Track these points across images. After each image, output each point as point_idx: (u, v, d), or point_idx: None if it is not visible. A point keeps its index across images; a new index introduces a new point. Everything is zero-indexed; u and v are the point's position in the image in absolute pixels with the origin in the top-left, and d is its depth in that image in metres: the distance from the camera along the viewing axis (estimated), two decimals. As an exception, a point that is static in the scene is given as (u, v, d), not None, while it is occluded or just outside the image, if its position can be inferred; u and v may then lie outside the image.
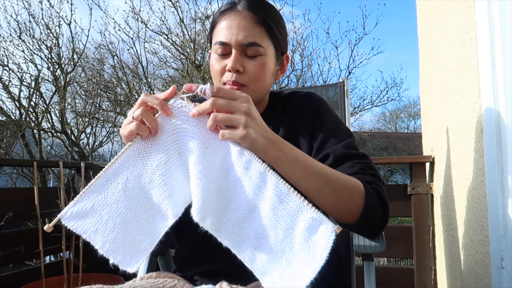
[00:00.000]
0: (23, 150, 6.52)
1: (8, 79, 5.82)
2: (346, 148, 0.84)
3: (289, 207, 0.59)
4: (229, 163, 0.64)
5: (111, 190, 0.64)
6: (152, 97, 0.66)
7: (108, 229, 0.63)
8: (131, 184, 0.65)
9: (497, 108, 0.96)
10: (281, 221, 0.60)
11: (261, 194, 0.61)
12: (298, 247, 0.58)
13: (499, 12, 0.95)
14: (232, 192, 0.64)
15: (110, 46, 6.24)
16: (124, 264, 0.63)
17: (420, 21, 2.19)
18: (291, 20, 6.09)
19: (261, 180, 0.61)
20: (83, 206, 0.63)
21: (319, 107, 0.93)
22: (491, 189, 0.99)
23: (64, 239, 2.24)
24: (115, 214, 0.64)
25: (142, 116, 0.65)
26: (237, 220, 0.63)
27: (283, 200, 0.59)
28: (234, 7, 0.87)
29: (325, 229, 0.56)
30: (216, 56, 0.88)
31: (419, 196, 1.93)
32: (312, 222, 0.57)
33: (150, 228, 0.65)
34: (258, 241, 0.62)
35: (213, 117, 0.63)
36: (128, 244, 0.64)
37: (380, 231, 0.85)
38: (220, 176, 0.64)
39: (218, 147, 0.65)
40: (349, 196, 0.73)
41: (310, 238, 0.57)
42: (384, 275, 2.01)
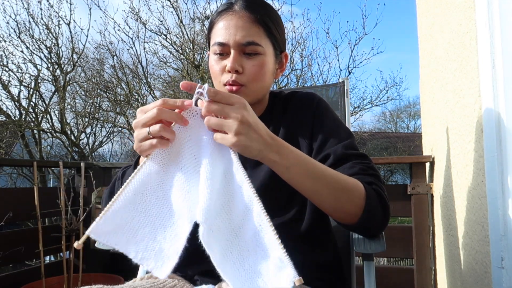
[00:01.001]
0: (23, 150, 6.53)
1: (8, 79, 5.83)
2: (346, 148, 0.84)
3: (268, 238, 0.60)
4: (231, 173, 0.65)
5: (138, 200, 0.65)
6: (168, 112, 0.64)
7: (139, 238, 0.65)
8: (155, 192, 0.66)
9: (497, 108, 0.96)
10: (260, 247, 0.61)
11: (249, 214, 0.63)
12: (270, 277, 0.59)
13: (499, 12, 0.95)
14: (227, 202, 0.64)
15: (110, 46, 6.25)
16: (157, 271, 0.64)
17: (420, 21, 2.19)
18: (291, 20, 6.10)
19: (249, 203, 0.62)
20: (111, 219, 0.64)
21: (318, 107, 0.93)
22: (491, 189, 0.99)
23: (64, 239, 2.24)
24: (144, 223, 0.65)
25: (161, 132, 0.63)
26: (225, 231, 0.63)
27: (263, 230, 0.60)
28: (231, 7, 0.86)
29: (287, 276, 0.56)
30: (215, 57, 0.88)
31: (419, 196, 1.93)
32: (278, 262, 0.58)
33: (175, 234, 0.65)
34: (240, 256, 0.62)
35: (206, 120, 0.64)
36: (157, 251, 0.65)
37: (380, 232, 0.85)
38: (221, 184, 0.64)
39: (223, 154, 0.66)
40: (349, 198, 0.73)
41: (276, 275, 0.58)
42: (384, 275, 2.01)
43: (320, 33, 15.75)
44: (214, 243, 0.63)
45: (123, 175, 0.88)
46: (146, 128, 0.64)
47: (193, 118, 0.66)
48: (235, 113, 0.63)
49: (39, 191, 2.13)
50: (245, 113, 0.64)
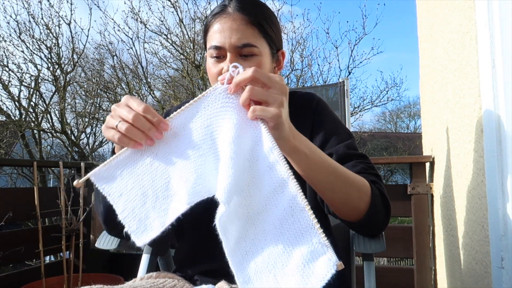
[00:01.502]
0: (23, 150, 6.53)
1: (8, 79, 5.83)
2: (348, 148, 0.85)
3: (299, 223, 0.55)
4: (255, 156, 0.60)
5: (140, 161, 0.64)
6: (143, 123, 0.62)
7: (130, 197, 0.63)
8: (159, 160, 0.64)
9: (497, 108, 0.96)
10: (285, 235, 0.56)
11: (275, 199, 0.58)
12: (293, 268, 0.54)
13: (499, 12, 0.95)
14: (247, 186, 0.59)
15: (110, 46, 6.25)
16: (135, 235, 0.63)
17: (420, 21, 2.19)
18: (291, 20, 6.10)
19: (280, 186, 0.58)
20: (113, 169, 0.64)
21: (318, 107, 0.93)
22: (491, 189, 0.99)
23: (64, 239, 2.24)
24: (139, 185, 0.64)
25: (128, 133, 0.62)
26: (242, 217, 0.59)
27: (295, 215, 0.55)
28: (224, 9, 0.86)
29: (328, 261, 0.52)
30: (211, 60, 0.88)
31: (419, 196, 1.93)
32: (317, 247, 0.53)
33: (165, 208, 0.63)
34: (253, 246, 0.58)
35: (249, 89, 0.60)
36: (143, 217, 0.63)
37: (381, 231, 0.86)
38: (243, 165, 0.60)
39: (251, 135, 0.61)
40: (358, 193, 0.73)
41: (308, 264, 0.53)
42: (384, 275, 2.01)
43: (320, 33, 15.77)
44: (230, 228, 0.58)
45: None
46: (117, 120, 0.63)
47: (217, 96, 0.63)
48: (281, 85, 0.61)
49: (39, 191, 2.13)
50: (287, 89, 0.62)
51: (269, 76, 0.61)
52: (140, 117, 0.62)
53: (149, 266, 1.08)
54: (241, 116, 0.62)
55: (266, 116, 0.59)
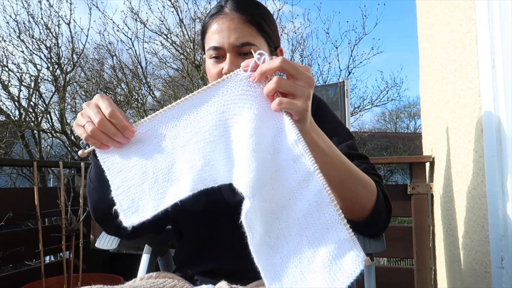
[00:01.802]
0: (22, 150, 6.53)
1: (8, 79, 5.83)
2: (349, 148, 0.85)
3: (325, 218, 0.53)
4: (277, 148, 0.57)
5: (148, 140, 0.63)
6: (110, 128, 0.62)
7: (129, 175, 0.63)
8: (166, 141, 0.63)
9: (497, 108, 0.96)
10: (310, 230, 0.54)
11: (299, 193, 0.55)
12: (319, 264, 0.52)
13: (499, 12, 0.95)
14: (269, 180, 0.57)
15: (109, 46, 6.25)
16: (124, 214, 0.61)
17: (420, 21, 2.19)
18: (291, 20, 6.10)
19: (305, 179, 0.55)
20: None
21: (318, 108, 0.94)
22: (491, 189, 0.99)
23: (64, 239, 2.24)
24: (141, 164, 0.63)
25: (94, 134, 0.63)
26: (265, 211, 0.56)
27: (321, 209, 0.53)
28: (221, 10, 0.86)
29: (356, 256, 0.50)
30: (211, 61, 0.88)
31: (419, 196, 1.93)
32: (344, 243, 0.51)
33: (162, 192, 0.62)
34: (278, 241, 0.55)
35: (277, 80, 0.57)
36: (137, 197, 0.62)
37: (382, 231, 0.86)
38: (264, 157, 0.57)
39: (273, 126, 0.58)
40: (366, 193, 0.74)
41: (335, 260, 0.51)
42: (384, 275, 2.01)
43: (320, 33, 15.77)
44: (255, 223, 0.56)
45: None
46: (86, 119, 0.64)
47: (238, 83, 0.61)
48: (308, 77, 0.59)
49: (39, 191, 2.13)
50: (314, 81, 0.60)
51: (296, 66, 0.58)
52: (106, 122, 0.62)
53: (149, 266, 1.08)
54: (263, 107, 0.59)
55: (293, 109, 0.57)
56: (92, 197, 0.80)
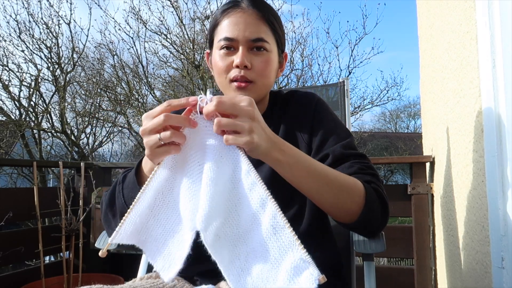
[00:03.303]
0: (23, 150, 6.52)
1: (8, 79, 5.82)
2: (345, 148, 0.85)
3: (281, 241, 0.58)
4: (238, 178, 0.63)
5: (152, 204, 0.66)
6: (176, 118, 0.62)
7: (152, 239, 0.67)
8: (166, 198, 0.67)
9: (497, 108, 0.96)
10: (271, 252, 0.58)
11: (258, 219, 0.61)
12: (280, 284, 0.57)
13: (500, 12, 0.95)
14: (234, 207, 0.63)
15: (110, 45, 6.25)
16: (163, 273, 0.66)
17: (420, 21, 2.19)
18: (291, 19, 6.10)
19: (261, 205, 0.60)
20: (130, 224, 0.66)
21: (317, 107, 0.94)
22: (491, 189, 0.99)
23: (64, 239, 2.24)
24: (156, 226, 0.67)
25: (172, 138, 0.62)
26: (233, 237, 0.62)
27: (277, 233, 0.58)
28: (237, 5, 0.87)
29: (310, 275, 0.55)
30: (220, 52, 0.88)
31: (419, 196, 1.93)
32: (299, 263, 0.56)
33: (182, 240, 0.66)
34: (247, 264, 0.61)
35: (217, 122, 0.61)
36: (166, 254, 0.67)
37: (379, 231, 0.85)
38: (227, 189, 0.63)
39: (231, 158, 0.64)
40: (349, 196, 0.73)
41: (293, 279, 0.56)
42: (384, 275, 2.01)
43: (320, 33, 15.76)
44: (221, 250, 0.62)
45: (124, 179, 0.88)
46: (155, 134, 0.63)
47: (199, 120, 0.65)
48: (246, 110, 0.61)
49: (39, 191, 2.13)
50: (255, 110, 0.63)
51: (233, 104, 0.61)
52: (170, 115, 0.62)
53: (149, 266, 1.08)
54: (220, 140, 0.64)
55: (239, 144, 0.61)
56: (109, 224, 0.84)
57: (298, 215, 0.89)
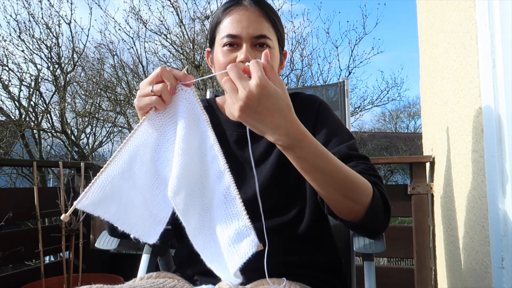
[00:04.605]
0: (22, 150, 6.52)
1: (8, 79, 5.83)
2: (349, 149, 0.85)
3: (230, 210, 0.63)
4: (204, 151, 0.67)
5: (126, 169, 0.67)
6: (169, 75, 0.68)
7: (128, 207, 0.67)
8: (145, 159, 0.69)
9: (497, 108, 0.96)
10: (222, 219, 0.64)
11: (216, 189, 0.65)
12: (226, 246, 0.62)
13: (500, 12, 0.95)
14: (200, 179, 0.67)
15: (110, 45, 6.25)
16: (144, 237, 0.68)
17: (420, 21, 2.19)
18: (291, 19, 6.10)
19: (218, 177, 0.65)
20: (100, 190, 0.66)
21: (320, 109, 0.94)
22: (491, 189, 0.99)
23: (64, 239, 2.24)
24: (133, 190, 0.68)
25: (162, 92, 0.68)
26: (199, 207, 0.66)
27: (228, 202, 0.63)
28: (239, 3, 0.89)
29: (250, 242, 0.59)
30: (223, 49, 0.88)
31: (419, 196, 1.93)
32: (242, 230, 0.61)
33: (164, 200, 0.68)
34: (210, 231, 0.66)
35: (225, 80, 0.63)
36: (146, 217, 0.68)
37: (381, 232, 0.85)
38: (195, 160, 0.67)
39: (201, 131, 0.68)
40: (359, 195, 0.73)
41: (234, 244, 0.61)
42: (384, 275, 2.01)
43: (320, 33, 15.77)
44: (189, 219, 0.66)
45: None
46: (150, 86, 0.69)
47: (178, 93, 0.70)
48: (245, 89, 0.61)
49: (39, 191, 2.13)
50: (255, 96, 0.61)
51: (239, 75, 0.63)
52: (165, 68, 0.69)
53: (149, 266, 1.08)
54: (194, 113, 0.68)
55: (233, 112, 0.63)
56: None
57: (299, 216, 0.89)
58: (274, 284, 0.74)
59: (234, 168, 0.92)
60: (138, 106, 0.71)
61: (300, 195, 0.90)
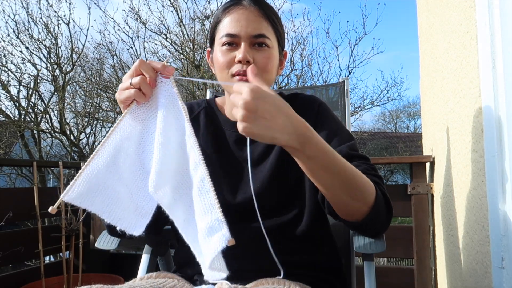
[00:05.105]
0: (22, 150, 6.52)
1: (7, 79, 5.82)
2: (350, 149, 0.85)
3: (204, 202, 0.62)
4: (182, 143, 0.67)
5: (111, 162, 0.67)
6: (148, 68, 0.69)
7: (113, 199, 0.68)
8: (130, 152, 0.69)
9: (497, 108, 0.96)
10: (197, 211, 0.63)
11: (193, 180, 0.65)
12: (201, 238, 0.62)
13: (500, 12, 0.95)
14: (182, 171, 0.66)
15: (110, 45, 6.24)
16: (130, 229, 0.68)
17: (420, 21, 2.19)
18: (291, 19, 6.09)
19: (194, 168, 0.65)
20: (85, 182, 0.66)
21: (320, 109, 0.94)
22: (491, 189, 0.99)
23: (64, 239, 2.24)
24: (119, 183, 0.68)
25: (141, 84, 0.68)
26: (186, 199, 0.66)
27: (202, 194, 0.63)
28: (239, 2, 0.89)
29: (221, 236, 0.59)
30: (222, 48, 0.88)
31: (419, 196, 1.93)
32: (214, 223, 0.60)
33: (149, 193, 0.68)
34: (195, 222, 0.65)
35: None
36: (132, 210, 0.68)
37: (382, 232, 0.86)
38: (174, 153, 0.67)
39: (179, 124, 0.68)
40: (362, 196, 0.73)
41: (207, 237, 0.61)
42: (384, 275, 2.01)
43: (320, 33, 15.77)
44: (178, 211, 0.66)
45: None
46: (130, 79, 0.69)
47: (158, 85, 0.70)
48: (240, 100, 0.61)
49: (39, 191, 2.13)
50: (251, 101, 0.61)
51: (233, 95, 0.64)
52: (144, 61, 0.69)
53: (149, 266, 1.08)
54: (172, 106, 0.68)
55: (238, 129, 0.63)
56: None
57: (298, 215, 0.89)
58: (274, 284, 0.74)
59: (233, 168, 0.92)
60: (119, 99, 0.71)
61: (299, 195, 0.90)
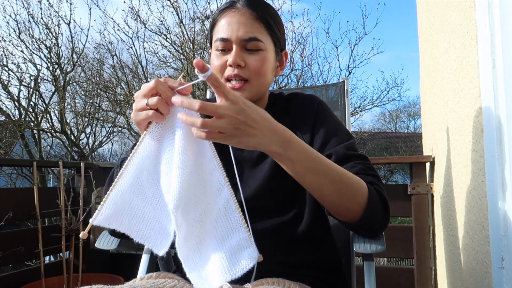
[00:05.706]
0: (22, 150, 6.52)
1: (8, 79, 5.82)
2: (347, 149, 0.85)
3: (230, 222, 0.65)
4: (200, 162, 0.67)
5: (135, 182, 0.67)
6: (165, 88, 0.65)
7: (139, 218, 0.68)
8: (151, 171, 0.69)
9: (497, 108, 0.96)
10: (219, 231, 0.66)
11: (214, 201, 0.67)
12: (223, 257, 0.64)
13: (500, 12, 0.95)
14: (198, 190, 0.67)
15: (110, 46, 6.24)
16: (157, 248, 0.69)
17: (420, 21, 2.19)
18: (291, 19, 6.09)
19: (218, 189, 0.67)
20: (112, 204, 0.66)
21: (320, 109, 0.94)
22: (491, 189, 0.99)
23: (64, 239, 2.24)
24: (143, 203, 0.68)
25: (158, 105, 0.65)
26: (192, 218, 0.67)
27: (228, 214, 0.66)
28: (233, 5, 0.88)
29: (251, 253, 0.62)
30: (216, 53, 0.89)
31: (419, 196, 1.93)
32: (242, 242, 0.64)
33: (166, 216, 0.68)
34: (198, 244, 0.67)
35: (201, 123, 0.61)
36: (157, 228, 0.69)
37: (381, 232, 0.85)
38: (194, 172, 0.67)
39: (198, 143, 0.67)
40: (353, 195, 0.74)
41: (235, 254, 0.63)
42: (384, 275, 2.01)
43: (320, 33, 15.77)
44: (181, 227, 0.66)
45: (121, 163, 0.89)
46: (145, 99, 0.66)
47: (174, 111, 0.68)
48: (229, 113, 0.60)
49: (39, 191, 2.13)
50: (240, 112, 0.61)
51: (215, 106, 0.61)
52: (160, 81, 0.65)
53: (149, 266, 1.07)
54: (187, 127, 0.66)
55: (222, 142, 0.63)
56: None
57: (298, 215, 0.89)
58: (274, 284, 0.74)
59: (232, 168, 0.92)
60: (136, 120, 0.68)
61: (299, 195, 0.90)
